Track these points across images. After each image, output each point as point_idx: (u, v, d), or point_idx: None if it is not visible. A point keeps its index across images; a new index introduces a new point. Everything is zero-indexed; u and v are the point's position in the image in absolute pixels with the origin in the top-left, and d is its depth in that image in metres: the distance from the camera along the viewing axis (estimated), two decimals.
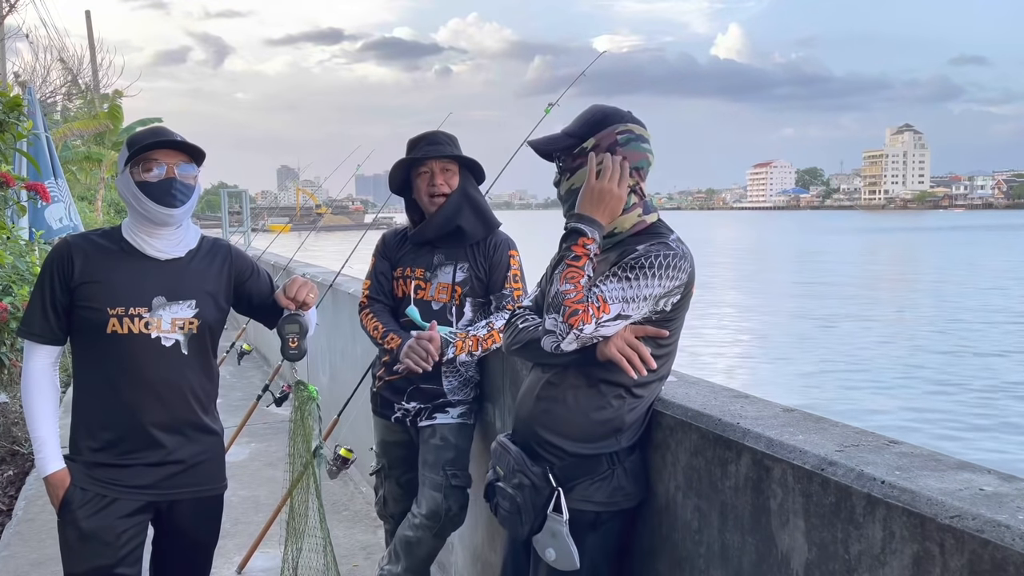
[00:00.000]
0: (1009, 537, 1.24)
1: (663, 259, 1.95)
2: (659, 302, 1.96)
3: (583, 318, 1.91)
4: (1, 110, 4.75)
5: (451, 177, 3.00)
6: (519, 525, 2.07)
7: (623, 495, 2.05)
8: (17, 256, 6.26)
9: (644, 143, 2.08)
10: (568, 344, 1.93)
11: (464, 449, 3.01)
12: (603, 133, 2.05)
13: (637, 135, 2.07)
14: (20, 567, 4.04)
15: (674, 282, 1.96)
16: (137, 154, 2.22)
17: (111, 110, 20.75)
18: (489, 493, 2.20)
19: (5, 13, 14.96)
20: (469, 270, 3.01)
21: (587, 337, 1.93)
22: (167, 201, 2.22)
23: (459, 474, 2.94)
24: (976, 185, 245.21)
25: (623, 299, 1.92)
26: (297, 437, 2.79)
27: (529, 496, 2.05)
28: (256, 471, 5.49)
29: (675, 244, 2.00)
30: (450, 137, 3.08)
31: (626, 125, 2.06)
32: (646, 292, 1.93)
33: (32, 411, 2.26)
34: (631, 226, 2.06)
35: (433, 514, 2.89)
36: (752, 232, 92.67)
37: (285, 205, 36.67)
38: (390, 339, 2.98)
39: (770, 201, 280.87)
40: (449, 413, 2.99)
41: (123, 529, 2.24)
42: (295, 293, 2.36)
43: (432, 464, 2.95)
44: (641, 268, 1.94)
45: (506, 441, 2.18)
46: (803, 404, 2.11)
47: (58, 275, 2.23)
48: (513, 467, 2.10)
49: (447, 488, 2.91)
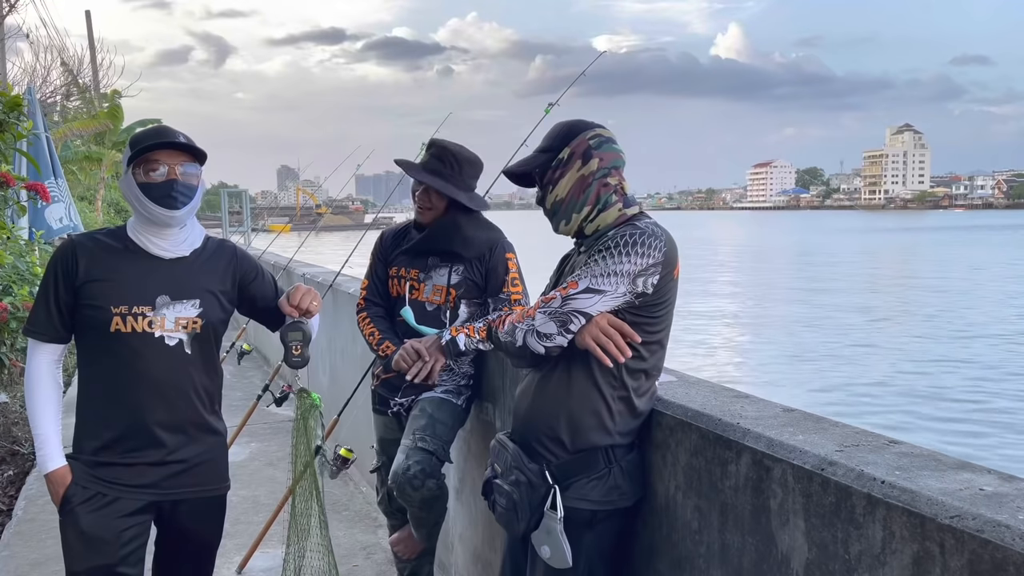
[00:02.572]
0: (1009, 537, 1.24)
1: (630, 237, 1.99)
2: (636, 281, 1.98)
3: (538, 303, 2.05)
4: (1, 110, 4.75)
5: (438, 199, 3.02)
6: (515, 522, 2.09)
7: (619, 494, 2.06)
8: (17, 256, 6.26)
9: (615, 144, 2.16)
10: (543, 324, 2.01)
11: (440, 420, 2.96)
12: (576, 141, 2.12)
13: (607, 137, 2.14)
14: (20, 567, 4.04)
15: (647, 259, 1.98)
16: (139, 155, 2.22)
17: (111, 110, 20.75)
18: (487, 490, 2.23)
19: (5, 13, 14.96)
20: (464, 272, 3.02)
21: (558, 311, 2.00)
22: (168, 203, 2.22)
23: (427, 438, 2.89)
24: (976, 185, 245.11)
25: (591, 275, 1.99)
26: (299, 442, 2.80)
27: (525, 493, 2.06)
28: (256, 471, 5.49)
29: (645, 225, 2.04)
30: (457, 162, 3.04)
31: (594, 131, 2.14)
32: (616, 268, 1.98)
33: (34, 408, 2.26)
34: (613, 220, 2.11)
35: (393, 474, 2.86)
36: (751, 232, 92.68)
37: (285, 205, 36.68)
38: (385, 347, 3.03)
39: (770, 201, 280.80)
40: (434, 391, 3.03)
41: (124, 528, 2.24)
42: (299, 301, 2.36)
43: (406, 432, 2.97)
44: (608, 248, 2.00)
45: (504, 439, 2.20)
46: (804, 405, 2.10)
47: (62, 274, 2.24)
48: (510, 464, 2.12)
49: (411, 449, 2.87)
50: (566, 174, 2.11)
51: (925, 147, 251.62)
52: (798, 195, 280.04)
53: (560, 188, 2.12)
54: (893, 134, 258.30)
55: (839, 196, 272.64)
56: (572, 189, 2.10)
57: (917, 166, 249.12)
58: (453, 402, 3.05)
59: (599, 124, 2.18)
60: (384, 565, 3.97)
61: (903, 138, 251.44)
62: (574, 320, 1.99)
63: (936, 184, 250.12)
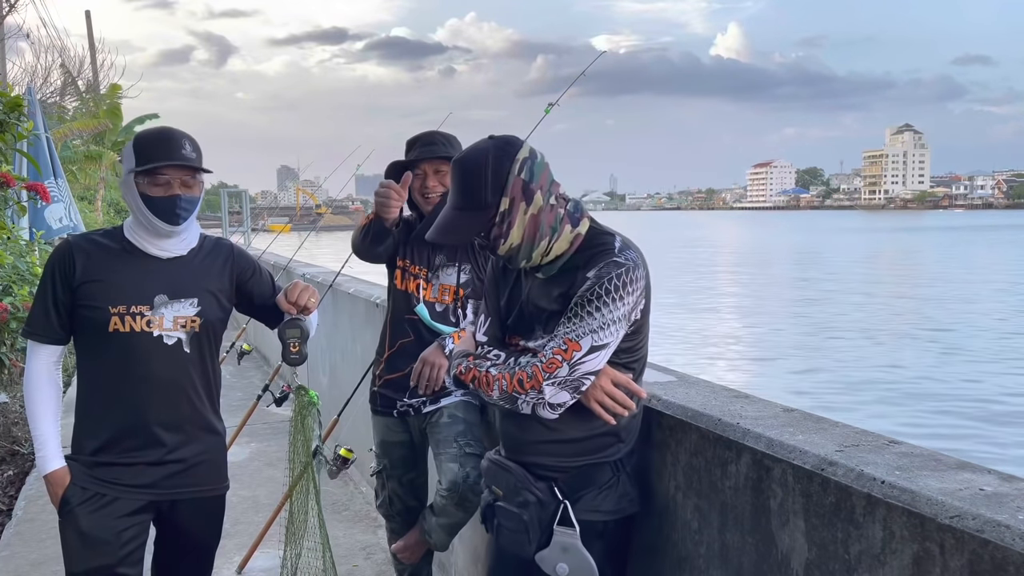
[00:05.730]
0: (1009, 537, 1.24)
1: (617, 280, 1.87)
2: (629, 317, 1.90)
3: (539, 373, 1.87)
4: (1, 110, 4.75)
5: (444, 177, 3.00)
6: (526, 544, 2.02)
7: (629, 501, 2.03)
8: (17, 256, 6.26)
9: (536, 158, 1.94)
10: (554, 396, 1.87)
11: (472, 423, 2.98)
12: (510, 186, 1.89)
13: (528, 157, 1.93)
14: (20, 567, 4.04)
15: (635, 294, 1.89)
16: (144, 168, 2.20)
17: (111, 109, 20.75)
18: (487, 515, 2.14)
19: (5, 13, 14.96)
20: (472, 271, 3.02)
21: (568, 380, 1.86)
22: (171, 219, 2.22)
23: (472, 443, 2.91)
24: (976, 185, 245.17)
25: (590, 330, 1.85)
26: (297, 441, 2.79)
27: (536, 513, 2.00)
28: (256, 471, 5.50)
29: (623, 256, 1.90)
30: (447, 137, 3.07)
31: (515, 160, 1.91)
32: (612, 316, 1.86)
33: (33, 409, 2.26)
34: (569, 246, 1.96)
35: (453, 484, 2.85)
36: (751, 232, 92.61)
37: (285, 205, 36.65)
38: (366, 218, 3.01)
39: (770, 201, 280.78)
40: (453, 395, 3.01)
41: (123, 528, 2.25)
42: (296, 297, 2.36)
43: (444, 440, 2.93)
44: (599, 297, 1.86)
45: (502, 460, 2.11)
46: (804, 405, 2.10)
47: (60, 275, 2.24)
48: (516, 485, 2.04)
49: (462, 457, 2.87)
50: (515, 222, 1.90)
51: (925, 147, 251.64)
52: (798, 195, 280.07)
53: (513, 237, 1.92)
54: (893, 134, 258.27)
55: (839, 196, 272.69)
56: (526, 232, 1.91)
57: (917, 166, 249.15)
58: (474, 403, 3.05)
59: (507, 141, 1.95)
60: (384, 565, 3.97)
61: (903, 138, 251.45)
62: (586, 382, 1.87)
63: (936, 184, 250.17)
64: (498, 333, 2.13)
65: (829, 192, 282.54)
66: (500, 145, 1.93)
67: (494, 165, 1.90)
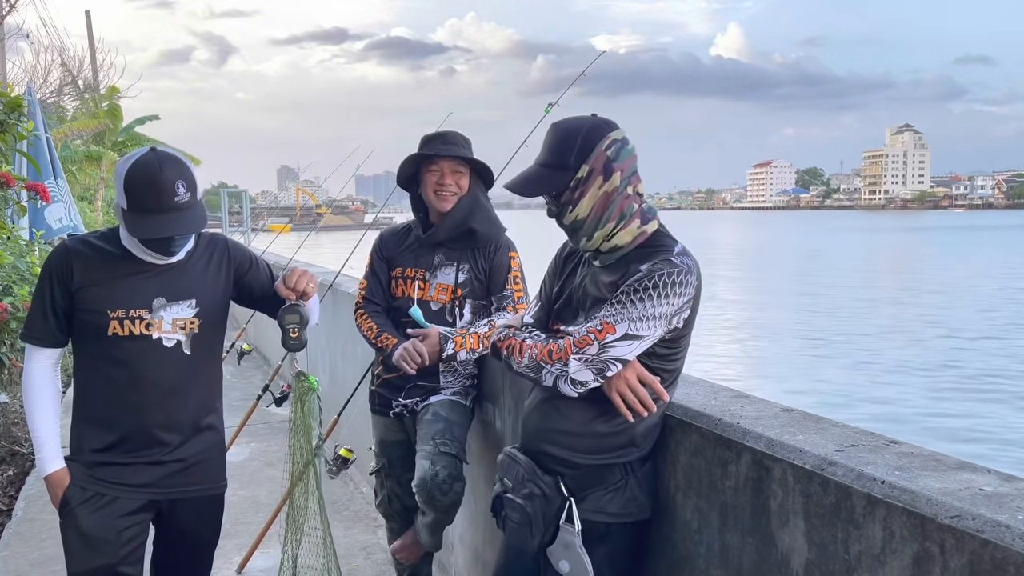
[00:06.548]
0: (1009, 537, 1.24)
1: (668, 277, 1.87)
2: (671, 320, 1.89)
3: (569, 346, 1.90)
4: (1, 110, 4.74)
5: (461, 179, 3.00)
6: (529, 537, 2.03)
7: (636, 506, 2.02)
8: (17, 256, 6.26)
9: (628, 144, 1.99)
10: (577, 372, 1.88)
11: (455, 422, 2.97)
12: (594, 157, 1.94)
13: (621, 140, 1.97)
14: (20, 567, 4.04)
15: (683, 299, 1.89)
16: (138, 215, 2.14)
17: (111, 109, 20.75)
18: (496, 506, 2.15)
19: (5, 13, 14.95)
20: (470, 271, 3.02)
21: (595, 359, 1.87)
22: (164, 253, 2.23)
23: (448, 442, 2.90)
24: (976, 185, 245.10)
25: (629, 318, 1.86)
26: (297, 431, 2.79)
27: (540, 507, 2.01)
28: (256, 471, 5.49)
29: (679, 259, 1.91)
30: (465, 139, 3.08)
31: (608, 137, 1.96)
32: (654, 311, 1.85)
33: (33, 411, 2.26)
34: (631, 239, 1.98)
35: (421, 481, 2.85)
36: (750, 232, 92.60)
37: (285, 205, 36.63)
38: (384, 339, 3.00)
39: (770, 201, 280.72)
40: (442, 394, 3.02)
41: (124, 528, 2.25)
42: (295, 283, 2.35)
43: (423, 437, 2.95)
44: (646, 289, 1.86)
45: (514, 452, 2.13)
46: (804, 405, 2.09)
47: (57, 280, 2.23)
48: (523, 477, 2.05)
49: (435, 455, 2.87)
50: (587, 192, 1.94)
51: (925, 147, 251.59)
52: (798, 195, 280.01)
53: (581, 208, 1.96)
54: (893, 134, 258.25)
55: (839, 196, 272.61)
56: (595, 208, 1.95)
57: (917, 166, 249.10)
58: (462, 403, 3.05)
59: (606, 120, 2.00)
60: (384, 565, 3.96)
61: (903, 138, 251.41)
62: (611, 367, 1.88)
63: (936, 184, 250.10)
64: (543, 318, 2.17)
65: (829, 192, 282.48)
66: (599, 122, 2.00)
67: (586, 134, 1.97)
